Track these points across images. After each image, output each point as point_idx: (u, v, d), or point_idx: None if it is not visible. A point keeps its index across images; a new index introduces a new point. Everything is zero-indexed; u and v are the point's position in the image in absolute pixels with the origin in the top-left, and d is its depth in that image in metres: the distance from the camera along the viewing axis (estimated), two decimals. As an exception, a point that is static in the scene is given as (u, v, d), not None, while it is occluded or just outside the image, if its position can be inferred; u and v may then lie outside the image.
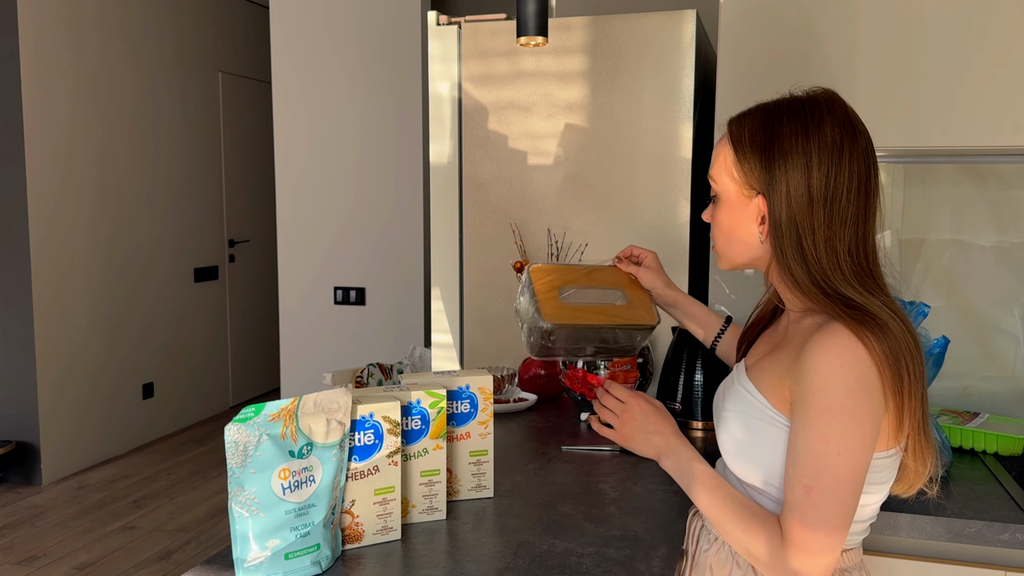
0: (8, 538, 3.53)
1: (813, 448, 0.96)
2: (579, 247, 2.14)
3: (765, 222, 1.04)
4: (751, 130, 1.05)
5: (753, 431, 1.06)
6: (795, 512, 0.97)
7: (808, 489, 0.96)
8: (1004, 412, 1.87)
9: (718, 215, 1.11)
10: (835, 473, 0.95)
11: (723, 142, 1.10)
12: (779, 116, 1.03)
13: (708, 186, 1.14)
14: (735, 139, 1.07)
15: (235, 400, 5.74)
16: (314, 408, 1.11)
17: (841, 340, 0.95)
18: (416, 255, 3.73)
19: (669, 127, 2.06)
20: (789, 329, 1.11)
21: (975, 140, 1.71)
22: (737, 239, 1.09)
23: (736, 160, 1.06)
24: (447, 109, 2.24)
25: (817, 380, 0.95)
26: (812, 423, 0.96)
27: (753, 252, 1.09)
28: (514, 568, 1.12)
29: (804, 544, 0.96)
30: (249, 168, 5.80)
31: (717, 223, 1.12)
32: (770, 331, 1.19)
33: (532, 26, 1.68)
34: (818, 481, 0.95)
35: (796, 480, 0.97)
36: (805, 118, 1.01)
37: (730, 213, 1.09)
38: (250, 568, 1.06)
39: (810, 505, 0.95)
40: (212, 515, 3.81)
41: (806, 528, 0.96)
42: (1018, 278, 1.86)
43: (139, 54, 4.75)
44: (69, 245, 4.31)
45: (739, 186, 1.07)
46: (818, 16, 1.79)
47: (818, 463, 0.95)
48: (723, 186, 1.09)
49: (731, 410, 1.10)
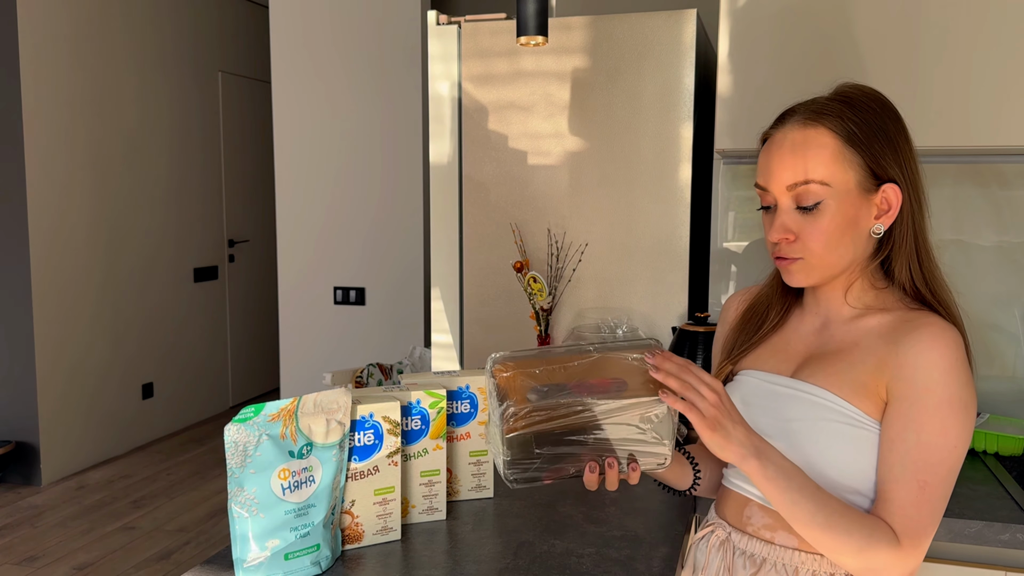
0: (8, 538, 3.52)
1: (931, 442, 0.95)
2: (579, 247, 2.14)
3: (888, 212, 1.02)
4: (856, 120, 1.01)
5: (843, 438, 1.01)
6: (910, 510, 0.95)
7: (924, 485, 0.94)
8: (1004, 412, 1.86)
9: (816, 223, 1.02)
10: (949, 467, 0.95)
11: (816, 138, 1.01)
12: (867, 107, 1.03)
13: (708, 186, 1.13)
14: (840, 129, 1.01)
15: (235, 400, 5.74)
16: (314, 408, 1.11)
17: (951, 335, 0.97)
18: (416, 255, 3.73)
19: (669, 127, 2.06)
20: (835, 330, 1.07)
21: (975, 140, 1.71)
22: (844, 242, 1.02)
23: (857, 149, 1.00)
24: (447, 109, 2.24)
25: (937, 374, 0.95)
26: (931, 418, 0.95)
27: (856, 253, 1.04)
28: (514, 568, 1.12)
29: (919, 540, 0.95)
30: (249, 168, 5.80)
31: (819, 228, 1.02)
32: (779, 336, 1.14)
33: (532, 26, 1.68)
34: (935, 476, 0.95)
35: (909, 477, 0.95)
36: (885, 106, 1.04)
37: (840, 214, 1.01)
38: (250, 568, 1.06)
39: (925, 501, 0.95)
40: (212, 515, 3.80)
41: (922, 523, 0.95)
42: (1018, 278, 1.86)
43: (139, 54, 4.75)
44: (69, 245, 4.31)
45: (861, 177, 1.01)
46: (819, 16, 1.79)
47: (935, 457, 0.94)
48: (837, 183, 1.00)
49: (804, 419, 1.04)
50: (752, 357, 1.15)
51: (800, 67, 1.80)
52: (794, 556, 1.06)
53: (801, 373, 1.07)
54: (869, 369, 1.01)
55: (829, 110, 1.02)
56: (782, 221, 1.04)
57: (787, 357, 1.11)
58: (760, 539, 1.09)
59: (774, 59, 1.83)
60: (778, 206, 1.05)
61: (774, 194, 1.05)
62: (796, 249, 1.04)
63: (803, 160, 1.01)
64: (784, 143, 1.04)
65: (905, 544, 0.95)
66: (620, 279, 2.13)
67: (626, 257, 2.12)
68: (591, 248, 2.14)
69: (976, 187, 1.85)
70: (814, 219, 1.02)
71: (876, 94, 1.05)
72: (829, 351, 1.06)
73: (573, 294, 2.16)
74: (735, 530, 1.12)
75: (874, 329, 1.03)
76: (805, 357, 1.09)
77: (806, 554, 1.05)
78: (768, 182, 1.05)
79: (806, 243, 1.03)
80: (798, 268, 1.05)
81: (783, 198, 1.04)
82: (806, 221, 1.02)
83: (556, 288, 2.14)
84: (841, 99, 1.04)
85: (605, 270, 2.14)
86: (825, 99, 1.05)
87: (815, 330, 1.10)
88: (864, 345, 1.03)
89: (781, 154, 1.03)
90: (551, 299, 2.11)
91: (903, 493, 0.95)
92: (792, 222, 1.03)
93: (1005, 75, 1.68)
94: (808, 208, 1.02)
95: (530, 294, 2.09)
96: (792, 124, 1.04)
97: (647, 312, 2.11)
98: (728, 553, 1.12)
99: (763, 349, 1.15)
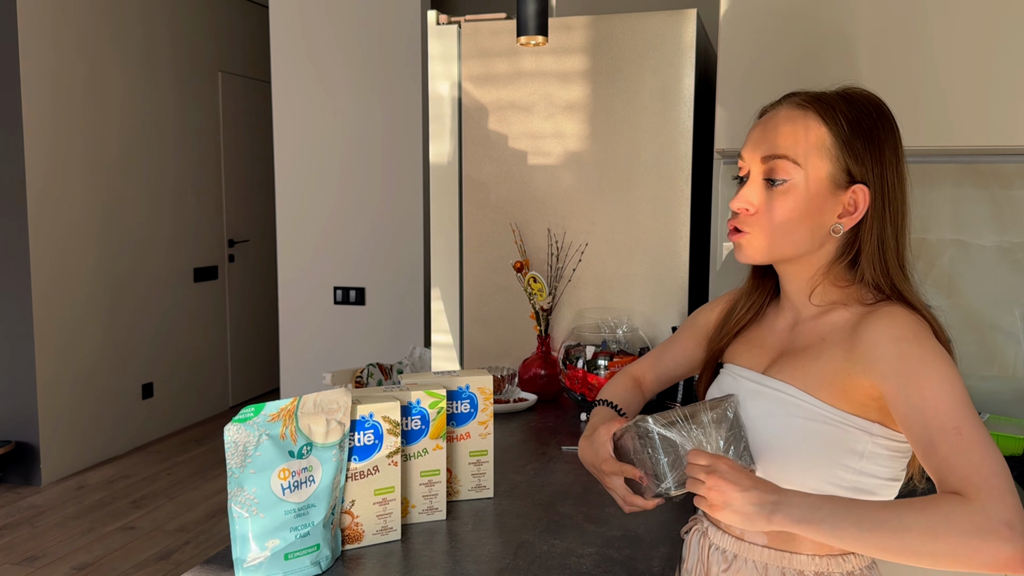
0: (7, 538, 3.52)
1: (938, 392, 0.91)
2: (579, 247, 2.14)
3: (853, 213, 1.01)
4: (848, 116, 1.01)
5: (803, 433, 1.01)
6: (959, 460, 0.87)
7: (958, 431, 0.89)
8: (1004, 412, 1.86)
9: (779, 200, 1.02)
10: (966, 403, 0.91)
11: (803, 119, 1.02)
12: (864, 108, 1.03)
13: (708, 186, 1.14)
14: (830, 119, 1.00)
15: (235, 400, 5.73)
16: (314, 408, 1.11)
17: (906, 314, 0.98)
18: (416, 255, 3.73)
19: (669, 127, 2.06)
20: (804, 327, 1.08)
21: (975, 140, 1.71)
22: (801, 229, 1.02)
23: (839, 142, 1.00)
24: (447, 109, 2.24)
25: (904, 343, 0.95)
26: (923, 375, 0.92)
27: (811, 245, 1.03)
28: (514, 568, 1.12)
29: (991, 484, 0.85)
30: (249, 168, 5.80)
31: (774, 209, 1.02)
32: (758, 331, 1.15)
33: (532, 26, 1.68)
34: (960, 417, 0.89)
35: (938, 432, 0.89)
36: (883, 114, 1.03)
37: (804, 199, 1.01)
38: (250, 568, 1.06)
39: (969, 443, 0.88)
40: (212, 515, 3.80)
41: (981, 470, 0.86)
42: (1018, 278, 1.86)
43: (139, 54, 4.75)
44: (68, 245, 4.31)
45: (835, 171, 1.00)
46: (819, 16, 1.79)
47: (950, 405, 0.90)
48: (809, 168, 1.00)
49: (769, 416, 1.04)
50: (732, 350, 1.17)
51: (800, 67, 1.80)
52: (763, 553, 1.06)
53: (771, 369, 1.08)
54: (836, 362, 1.01)
55: (826, 99, 1.03)
56: (747, 192, 1.05)
57: (761, 352, 1.12)
58: (731, 535, 1.10)
59: (774, 59, 1.83)
60: (750, 176, 1.06)
61: (748, 164, 1.06)
62: (751, 223, 1.04)
63: (784, 136, 1.02)
64: (776, 116, 1.05)
65: (978, 496, 0.84)
66: (620, 279, 2.13)
67: (626, 257, 2.12)
68: (591, 248, 2.14)
69: (976, 187, 1.85)
70: (778, 196, 1.02)
71: (877, 101, 1.05)
72: (798, 347, 1.07)
73: (573, 294, 2.16)
74: (712, 525, 1.14)
75: (839, 323, 1.04)
76: (778, 353, 1.10)
77: (775, 551, 1.06)
78: (746, 150, 1.07)
79: (763, 218, 1.03)
80: (747, 242, 1.06)
81: (755, 168, 1.05)
82: (770, 196, 1.02)
83: (556, 288, 2.14)
84: (842, 95, 1.04)
85: (605, 270, 2.14)
86: (828, 92, 1.06)
87: (788, 327, 1.11)
88: (830, 339, 1.03)
89: (767, 126, 1.05)
90: (551, 299, 2.11)
91: (944, 452, 0.89)
92: (756, 195, 1.04)
93: (1005, 75, 1.68)
94: (775, 182, 1.02)
95: (530, 294, 2.09)
96: (788, 103, 1.06)
97: (647, 312, 2.11)
98: (704, 548, 1.14)
99: (743, 342, 1.16)
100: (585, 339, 2.07)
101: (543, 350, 2.09)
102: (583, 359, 1.95)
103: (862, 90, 1.06)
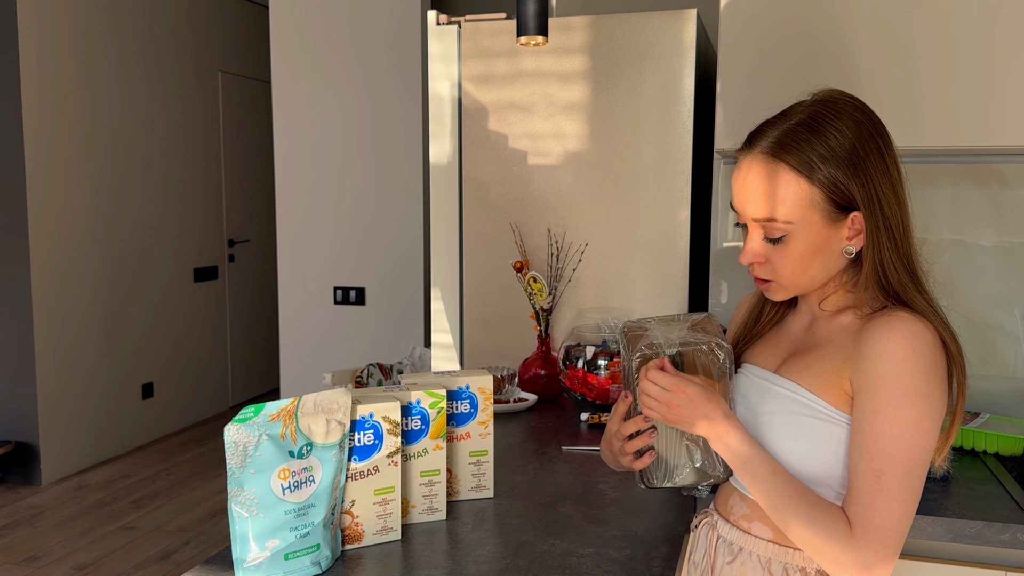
0: (8, 538, 3.52)
1: (886, 432, 0.94)
2: (579, 247, 2.14)
3: (859, 235, 1.02)
4: (821, 154, 0.99)
5: (808, 430, 1.03)
6: (864, 499, 0.94)
7: (880, 474, 0.94)
8: (1004, 412, 1.86)
9: (791, 249, 1.03)
10: (909, 456, 0.94)
11: (777, 175, 1.01)
12: (835, 130, 1.00)
13: (708, 186, 1.14)
14: (804, 168, 1.00)
15: (235, 400, 5.73)
16: (314, 408, 1.11)
17: (910, 325, 0.97)
18: (416, 255, 3.73)
19: (669, 127, 2.06)
20: (817, 328, 1.10)
21: (975, 140, 1.71)
22: (815, 264, 1.04)
23: (820, 187, 1.00)
24: (447, 109, 2.24)
25: (890, 364, 0.96)
26: (885, 406, 0.95)
27: (830, 271, 1.05)
28: (514, 568, 1.12)
29: (875, 533, 0.93)
30: (249, 168, 5.80)
31: (788, 256, 1.03)
32: (776, 333, 1.18)
33: (532, 26, 1.68)
34: (892, 465, 0.94)
35: (865, 466, 0.95)
36: (858, 123, 1.01)
37: (807, 243, 1.02)
38: (250, 568, 1.06)
39: (881, 490, 0.94)
40: (212, 515, 3.80)
41: (877, 515, 0.94)
42: (1018, 278, 1.86)
43: (138, 54, 4.75)
44: (68, 245, 4.31)
45: (827, 211, 1.00)
46: (819, 16, 1.79)
47: (891, 447, 0.94)
48: (802, 220, 1.01)
49: (775, 412, 1.06)
50: (751, 351, 1.19)
51: (800, 67, 1.80)
52: (767, 548, 1.09)
53: (782, 368, 1.11)
54: (836, 363, 1.04)
55: (794, 140, 1.01)
56: (752, 246, 1.06)
57: (776, 352, 1.14)
58: (739, 528, 1.13)
59: (774, 59, 1.83)
60: (748, 229, 1.07)
61: (742, 218, 1.07)
62: (767, 271, 1.07)
63: (767, 199, 1.02)
64: (750, 173, 1.04)
65: (858, 535, 0.94)
66: (620, 279, 2.13)
67: (626, 257, 2.12)
68: (591, 248, 2.14)
69: (976, 187, 1.85)
70: (781, 250, 1.04)
71: (852, 108, 1.03)
72: (809, 347, 1.09)
73: (573, 294, 2.16)
74: (721, 518, 1.17)
75: (847, 326, 1.06)
76: (791, 352, 1.12)
77: (779, 546, 1.08)
78: (736, 203, 1.07)
79: (776, 268, 1.05)
80: (773, 289, 1.09)
81: (750, 223, 1.06)
82: (775, 250, 1.04)
83: (556, 288, 2.14)
84: (808, 122, 1.01)
85: (605, 270, 2.14)
86: (792, 124, 1.02)
87: (804, 327, 1.13)
88: (837, 341, 1.06)
89: (747, 185, 1.04)
90: (551, 299, 2.11)
91: (859, 482, 0.96)
92: (761, 248, 1.06)
93: (1005, 75, 1.67)
94: (775, 240, 1.04)
95: (530, 294, 2.09)
96: (757, 152, 1.04)
97: (647, 312, 2.11)
98: (712, 540, 1.17)
99: (761, 344, 1.18)
100: (585, 339, 2.07)
101: (543, 350, 2.09)
102: (583, 359, 1.95)
103: (829, 100, 1.04)
